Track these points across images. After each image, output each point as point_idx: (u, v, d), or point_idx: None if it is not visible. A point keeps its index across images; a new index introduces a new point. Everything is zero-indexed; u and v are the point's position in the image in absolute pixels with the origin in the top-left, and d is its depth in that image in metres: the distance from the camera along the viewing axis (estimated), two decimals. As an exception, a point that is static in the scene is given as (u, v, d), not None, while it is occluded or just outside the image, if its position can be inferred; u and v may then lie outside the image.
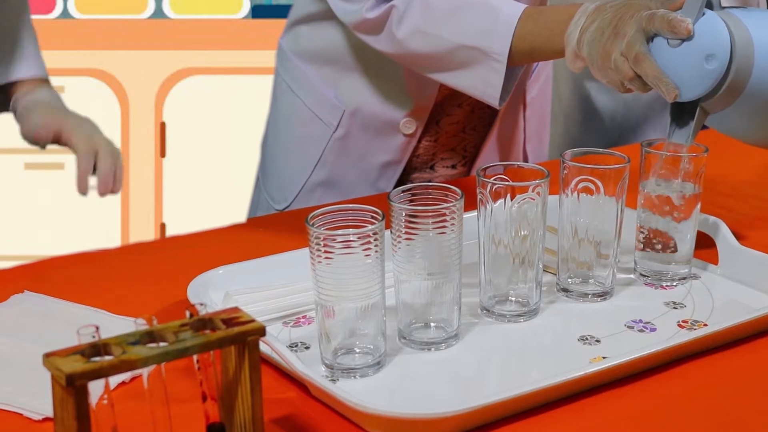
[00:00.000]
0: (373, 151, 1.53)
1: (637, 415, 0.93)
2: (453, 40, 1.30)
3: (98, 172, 1.29)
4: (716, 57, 1.07)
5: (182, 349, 0.78)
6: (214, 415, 0.84)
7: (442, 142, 1.55)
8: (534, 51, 1.27)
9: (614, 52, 1.12)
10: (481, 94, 1.32)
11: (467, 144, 1.57)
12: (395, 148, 1.52)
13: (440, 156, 1.57)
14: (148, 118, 3.22)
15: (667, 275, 1.17)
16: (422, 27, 1.32)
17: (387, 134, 1.52)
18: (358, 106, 1.51)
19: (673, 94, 1.08)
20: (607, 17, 1.14)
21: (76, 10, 3.25)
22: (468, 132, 1.56)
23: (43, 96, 1.40)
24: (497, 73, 1.28)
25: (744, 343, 1.04)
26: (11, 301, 1.13)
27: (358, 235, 0.95)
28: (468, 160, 1.60)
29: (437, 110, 1.52)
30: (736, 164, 1.58)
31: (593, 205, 1.11)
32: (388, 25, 1.34)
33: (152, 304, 1.11)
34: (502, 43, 1.27)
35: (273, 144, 1.63)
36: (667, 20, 1.08)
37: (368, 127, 1.52)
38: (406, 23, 1.32)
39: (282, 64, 1.61)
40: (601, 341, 1.05)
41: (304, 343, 1.04)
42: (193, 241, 1.33)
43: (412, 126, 1.51)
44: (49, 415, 0.87)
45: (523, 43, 1.26)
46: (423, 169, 1.58)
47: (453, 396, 0.96)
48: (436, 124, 1.54)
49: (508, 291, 1.09)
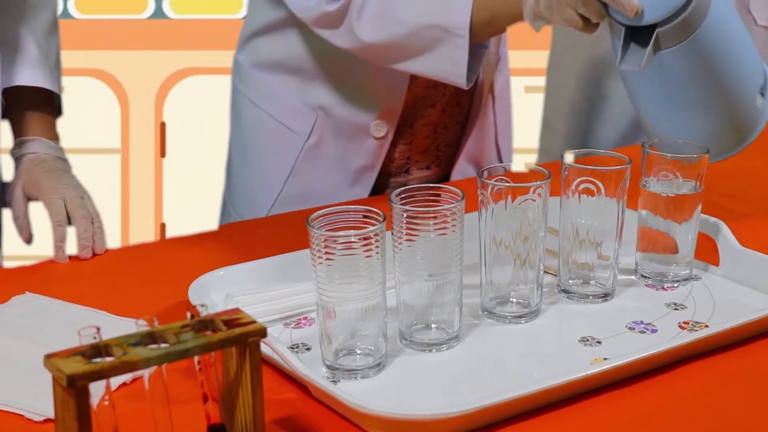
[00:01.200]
0: (346, 157, 1.51)
1: (638, 416, 0.93)
2: (413, 21, 1.29)
3: (76, 238, 1.28)
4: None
5: (183, 350, 0.78)
6: (215, 416, 0.84)
7: (416, 144, 1.54)
8: (494, 19, 1.27)
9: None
10: (447, 75, 1.31)
11: (440, 144, 1.56)
12: (368, 153, 1.51)
13: (415, 159, 1.56)
14: (148, 118, 3.22)
15: (668, 276, 1.17)
16: (380, 12, 1.31)
17: (359, 138, 1.50)
18: (327, 112, 1.50)
19: (635, 8, 1.08)
20: None
21: (76, 10, 3.24)
22: (440, 132, 1.55)
23: (35, 155, 1.38)
24: (461, 49, 1.28)
25: (745, 344, 1.04)
26: (12, 302, 1.13)
27: (359, 236, 0.95)
28: (442, 160, 1.58)
29: (410, 112, 1.51)
30: (737, 165, 1.58)
31: (594, 206, 1.11)
32: (348, 17, 1.33)
33: (153, 305, 1.11)
34: (462, 16, 1.26)
35: (240, 163, 1.60)
36: None
37: (340, 132, 1.50)
38: (365, 12, 1.31)
39: (241, 80, 1.59)
40: (602, 342, 1.05)
41: (305, 344, 1.04)
42: (194, 242, 1.33)
43: (383, 129, 1.49)
44: (50, 416, 0.87)
45: (483, 12, 1.26)
46: (398, 173, 1.56)
47: (454, 397, 0.96)
48: (411, 127, 1.53)
49: (509, 292, 1.09)
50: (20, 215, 1.33)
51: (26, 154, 1.36)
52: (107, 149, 3.20)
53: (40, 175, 1.33)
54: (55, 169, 1.35)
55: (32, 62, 1.39)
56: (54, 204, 1.29)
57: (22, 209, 1.33)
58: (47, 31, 1.42)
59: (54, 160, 1.37)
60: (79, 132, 3.08)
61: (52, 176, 1.33)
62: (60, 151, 1.40)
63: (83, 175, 1.42)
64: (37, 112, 1.40)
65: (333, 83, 1.48)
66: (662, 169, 1.16)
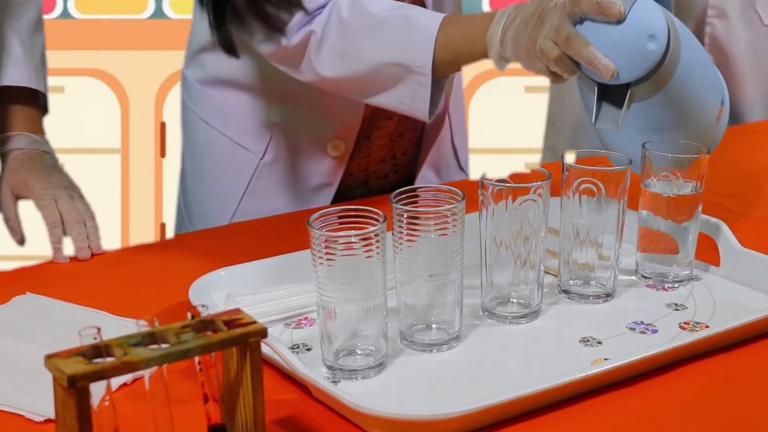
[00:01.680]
0: (303, 175, 1.47)
1: (639, 417, 0.93)
2: (374, 59, 1.25)
3: (72, 242, 1.28)
4: (657, 38, 1.07)
5: (184, 350, 0.78)
6: (215, 416, 0.84)
7: (373, 155, 1.51)
8: (457, 58, 1.23)
9: (539, 38, 1.10)
10: (409, 109, 1.27)
11: (396, 152, 1.52)
12: (326, 171, 1.47)
13: (372, 170, 1.52)
14: (148, 118, 3.21)
15: (668, 277, 1.17)
16: (341, 48, 1.26)
17: (316, 157, 1.46)
18: (282, 130, 1.45)
19: (611, 71, 1.07)
20: (529, 10, 1.13)
21: (76, 10, 3.24)
22: (396, 140, 1.51)
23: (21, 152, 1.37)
24: (423, 86, 1.24)
25: (746, 344, 1.04)
26: (13, 302, 1.13)
27: (360, 236, 0.95)
28: (399, 168, 1.54)
29: (367, 125, 1.47)
30: (737, 165, 1.58)
31: (595, 206, 1.11)
32: (308, 53, 1.28)
33: (154, 305, 1.11)
34: (424, 55, 1.23)
35: (193, 181, 1.55)
36: (596, 2, 1.06)
37: (296, 150, 1.46)
38: (324, 47, 1.26)
39: (190, 96, 1.53)
40: (602, 343, 1.05)
41: (305, 345, 1.04)
42: (195, 242, 1.33)
43: (341, 148, 1.45)
44: (51, 416, 0.87)
45: (445, 52, 1.23)
46: (357, 186, 1.52)
47: (454, 397, 0.96)
48: (368, 140, 1.49)
49: (510, 292, 1.09)
50: (11, 217, 1.33)
51: (12, 151, 1.35)
52: (107, 149, 3.20)
53: (28, 174, 1.33)
54: (42, 165, 1.34)
55: (17, 62, 1.38)
56: (46, 206, 1.29)
57: (13, 210, 1.33)
58: (32, 29, 1.41)
59: (40, 155, 1.36)
60: (79, 132, 3.09)
61: (41, 175, 1.33)
62: (46, 144, 1.39)
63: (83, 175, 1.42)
64: (22, 107, 1.40)
65: (287, 102, 1.44)
66: (663, 169, 1.16)
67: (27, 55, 1.39)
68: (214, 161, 1.51)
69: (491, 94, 3.21)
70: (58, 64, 1.88)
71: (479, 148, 2.04)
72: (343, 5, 1.26)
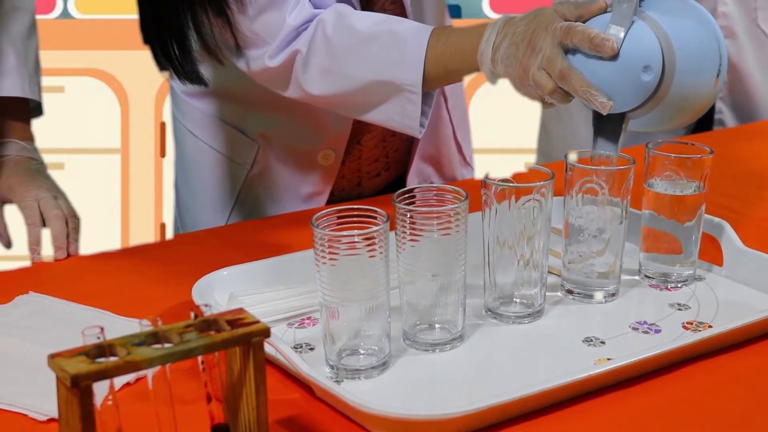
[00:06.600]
0: (293, 185, 1.46)
1: (642, 417, 0.93)
2: (363, 77, 1.23)
3: (51, 239, 1.28)
4: (652, 68, 1.06)
5: (187, 350, 0.78)
6: (218, 416, 0.83)
7: (365, 157, 1.49)
8: (448, 74, 1.22)
9: (532, 68, 1.09)
10: (399, 126, 1.26)
11: (389, 150, 1.51)
12: (317, 180, 1.45)
13: (365, 170, 1.50)
14: (148, 118, 3.21)
15: (671, 276, 1.17)
16: (328, 66, 1.24)
17: (306, 166, 1.44)
18: (269, 141, 1.44)
19: (608, 106, 1.06)
20: (519, 31, 1.11)
21: (76, 10, 3.24)
22: (388, 140, 1.50)
23: (8, 159, 1.37)
24: (413, 103, 1.23)
25: (749, 344, 1.04)
26: (16, 302, 1.13)
27: (363, 236, 0.95)
28: (391, 165, 1.53)
29: (357, 129, 1.45)
30: (740, 165, 1.58)
31: (598, 206, 1.11)
32: (294, 71, 1.26)
33: (157, 305, 1.11)
34: (414, 72, 1.21)
35: (185, 192, 1.54)
36: (588, 38, 1.04)
37: (285, 161, 1.45)
38: (311, 65, 1.25)
39: (178, 108, 1.52)
40: (605, 343, 1.04)
41: (308, 344, 1.04)
42: (198, 241, 1.33)
43: (331, 158, 1.44)
44: (54, 415, 0.87)
45: (436, 68, 1.21)
46: (350, 188, 1.51)
47: (458, 397, 0.96)
48: (358, 144, 1.47)
49: (513, 292, 1.09)
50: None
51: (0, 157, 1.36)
52: (107, 149, 3.20)
53: (12, 178, 1.33)
54: (28, 170, 1.35)
55: (10, 71, 1.37)
56: (28, 206, 1.29)
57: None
58: (25, 34, 1.40)
59: (27, 162, 1.36)
60: (79, 132, 3.09)
61: (26, 178, 1.33)
62: (34, 151, 1.39)
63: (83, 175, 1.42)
64: (10, 114, 1.39)
65: (274, 112, 1.42)
66: (666, 169, 1.16)
67: (21, 63, 1.38)
68: (203, 173, 1.50)
69: (491, 94, 3.20)
70: (58, 64, 1.88)
71: (479, 148, 2.04)
72: (328, 22, 1.24)
